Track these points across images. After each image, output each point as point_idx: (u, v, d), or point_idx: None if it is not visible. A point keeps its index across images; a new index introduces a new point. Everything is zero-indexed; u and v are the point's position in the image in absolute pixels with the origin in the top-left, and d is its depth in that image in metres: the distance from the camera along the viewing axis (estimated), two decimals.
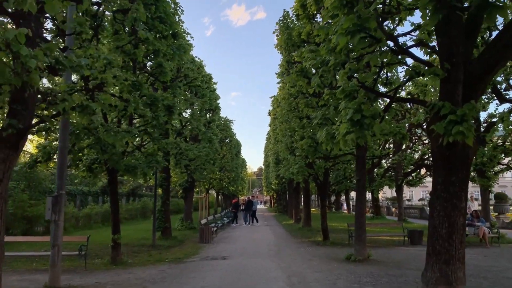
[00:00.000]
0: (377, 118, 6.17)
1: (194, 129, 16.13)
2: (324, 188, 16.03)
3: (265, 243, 16.57)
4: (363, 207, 11.69)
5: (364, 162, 11.84)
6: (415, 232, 15.38)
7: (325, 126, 8.47)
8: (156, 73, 11.90)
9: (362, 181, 11.70)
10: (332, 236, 17.15)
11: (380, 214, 31.98)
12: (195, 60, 17.76)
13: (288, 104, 13.48)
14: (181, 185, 22.01)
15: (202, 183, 28.08)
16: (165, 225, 16.79)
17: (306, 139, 11.03)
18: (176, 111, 12.33)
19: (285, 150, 15.93)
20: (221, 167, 33.27)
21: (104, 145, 10.32)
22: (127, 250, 14.25)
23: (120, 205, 30.70)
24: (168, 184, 17.19)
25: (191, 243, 16.51)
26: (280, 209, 45.55)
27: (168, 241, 16.32)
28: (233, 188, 38.04)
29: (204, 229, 16.86)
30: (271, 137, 29.94)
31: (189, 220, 21.97)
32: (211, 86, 22.54)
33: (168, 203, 17.17)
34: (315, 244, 15.84)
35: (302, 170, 12.78)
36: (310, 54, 8.28)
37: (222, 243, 16.61)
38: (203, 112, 20.16)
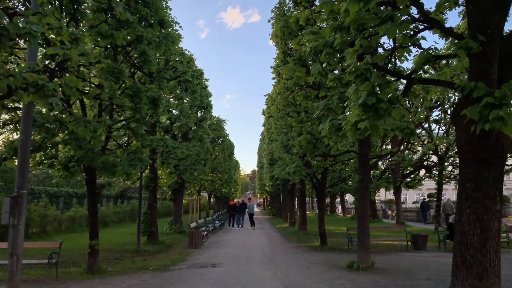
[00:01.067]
0: (396, 103, 5.15)
1: (183, 126, 15.03)
2: (322, 189, 15.00)
3: (259, 248, 15.49)
4: (366, 209, 10.68)
5: (367, 161, 10.84)
6: (419, 236, 14.41)
7: (327, 118, 7.44)
8: (140, 62, 10.80)
9: (365, 181, 10.69)
10: (330, 241, 16.13)
11: (377, 217, 31.04)
12: (184, 53, 16.68)
13: (284, 98, 12.45)
14: (170, 186, 20.84)
15: (193, 185, 26.91)
16: (151, 229, 15.64)
17: (305, 135, 10.00)
18: (162, 104, 11.23)
19: (280, 148, 14.89)
20: (213, 168, 32.13)
21: (80, 141, 9.24)
22: (109, 256, 13.10)
23: (108, 208, 29.50)
24: (155, 185, 16.05)
25: (180, 248, 15.38)
26: (274, 211, 44.48)
27: (154, 246, 15.17)
28: (226, 190, 36.89)
29: (193, 233, 15.74)
30: (265, 137, 28.92)
31: (178, 223, 20.81)
32: (202, 83, 21.45)
33: (155, 206, 16.03)
34: (312, 250, 14.80)
35: (299, 169, 11.75)
36: (311, 36, 7.25)
37: (213, 248, 15.50)
38: (193, 109, 19.07)
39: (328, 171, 15.61)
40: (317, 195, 15.22)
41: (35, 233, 19.39)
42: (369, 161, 11.07)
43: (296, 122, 10.66)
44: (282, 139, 14.18)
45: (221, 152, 32.79)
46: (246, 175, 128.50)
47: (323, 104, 7.49)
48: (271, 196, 47.24)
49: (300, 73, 10.02)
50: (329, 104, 7.48)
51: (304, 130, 10.11)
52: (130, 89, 10.08)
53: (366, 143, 10.75)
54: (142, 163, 10.75)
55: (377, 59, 5.55)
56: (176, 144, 14.04)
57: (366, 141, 10.72)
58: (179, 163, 17.53)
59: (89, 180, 10.61)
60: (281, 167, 15.32)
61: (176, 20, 13.72)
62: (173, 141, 14.11)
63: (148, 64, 10.85)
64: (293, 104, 12.12)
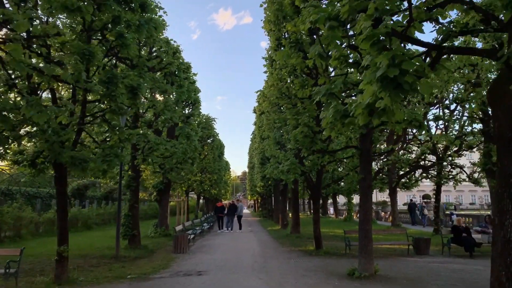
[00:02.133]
0: (423, 76, 4.09)
1: (168, 120, 13.86)
2: (317, 189, 13.95)
3: (249, 253, 14.37)
4: (369, 211, 9.64)
5: (369, 157, 9.81)
6: (420, 240, 13.43)
7: (330, 105, 6.38)
8: (116, 45, 9.64)
9: (367, 180, 9.66)
10: (325, 244, 15.07)
11: None
12: (170, 43, 15.51)
13: (277, 90, 11.38)
14: (155, 186, 19.63)
15: (180, 185, 25.66)
16: (133, 233, 14.40)
17: (301, 128, 8.94)
18: (142, 93, 10.07)
19: (273, 145, 13.81)
20: (202, 168, 30.94)
21: (46, 133, 8.06)
22: (84, 263, 11.86)
23: (91, 210, 28.09)
24: (137, 185, 14.83)
25: (164, 253, 14.19)
26: (265, 213, 43.36)
27: (136, 251, 13.94)
28: (215, 192, 35.69)
29: (179, 237, 14.56)
30: (256, 136, 27.83)
31: (164, 226, 19.59)
32: (190, 77, 20.28)
33: (136, 207, 14.81)
34: (307, 254, 13.72)
35: (294, 167, 10.66)
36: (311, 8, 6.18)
37: (199, 253, 14.34)
38: (180, 104, 17.88)
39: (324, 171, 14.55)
40: (312, 196, 14.17)
41: (8, 236, 18.02)
42: (371, 158, 10.05)
43: (291, 114, 9.57)
44: (275, 135, 13.10)
45: (211, 152, 31.60)
46: (236, 177, 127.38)
47: (325, 88, 6.42)
48: (262, 198, 46.13)
49: (297, 58, 8.95)
50: (332, 88, 6.42)
51: (301, 122, 9.05)
52: (104, 74, 8.92)
53: (368, 138, 9.72)
54: (118, 159, 9.56)
55: (396, 26, 4.49)
56: (159, 140, 12.87)
57: (368, 135, 9.69)
58: (164, 161, 16.37)
59: (58, 178, 9.39)
60: (273, 166, 14.24)
61: (160, 5, 12.58)
62: (156, 137, 12.93)
63: (125, 48, 9.69)
64: (287, 95, 11.05)
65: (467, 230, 13.16)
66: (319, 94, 6.54)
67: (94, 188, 39.25)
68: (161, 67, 15.08)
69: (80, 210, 25.50)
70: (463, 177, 20.15)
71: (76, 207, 25.94)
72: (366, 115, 4.85)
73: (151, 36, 12.52)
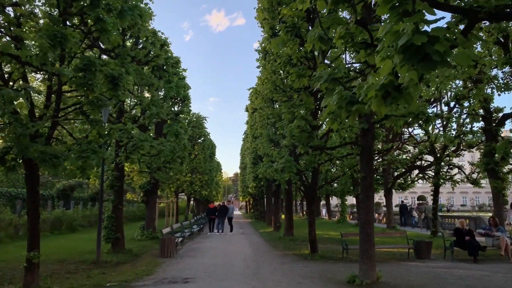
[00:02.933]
0: (456, 45, 3.32)
1: (154, 116, 12.98)
2: (313, 190, 13.18)
3: (240, 257, 13.54)
4: (371, 213, 8.87)
5: (371, 155, 9.05)
6: (421, 243, 12.72)
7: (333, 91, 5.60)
8: (95, 30, 8.77)
9: (368, 179, 8.89)
10: (320, 248, 14.33)
11: None
12: (157, 35, 14.62)
13: (271, 83, 10.58)
14: (142, 187, 18.70)
15: (168, 186, 24.71)
16: (116, 236, 13.48)
17: (298, 121, 8.14)
18: (123, 84, 9.19)
19: (266, 143, 12.99)
20: (192, 169, 30.03)
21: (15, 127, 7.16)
22: (61, 268, 10.93)
23: (76, 211, 26.99)
24: (122, 185, 13.91)
25: (149, 258, 13.29)
26: (257, 215, 42.55)
27: (119, 255, 13.02)
28: (206, 193, 34.77)
29: (165, 240, 13.68)
30: (249, 135, 27.01)
31: (151, 228, 18.66)
32: (179, 73, 19.41)
33: (120, 208, 13.88)
34: (302, 259, 12.93)
35: (289, 165, 9.86)
36: None
37: (188, 258, 13.47)
38: (168, 100, 17.00)
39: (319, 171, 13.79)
40: (307, 197, 13.40)
41: None
42: (373, 155, 9.30)
43: (286, 108, 8.77)
44: (268, 132, 12.30)
45: (201, 152, 30.70)
46: (228, 178, 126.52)
47: (327, 73, 5.63)
48: (254, 199, 45.31)
49: (293, 46, 8.17)
50: (335, 73, 5.63)
51: (297, 115, 8.25)
52: (81, 60, 8.06)
53: (370, 134, 8.96)
54: (96, 156, 8.67)
55: None
56: (145, 136, 11.98)
57: (370, 131, 8.93)
58: (150, 160, 15.47)
59: (29, 176, 8.49)
60: (266, 165, 13.44)
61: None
62: (141, 133, 12.04)
63: (105, 34, 8.83)
64: (282, 89, 10.25)
65: (470, 233, 12.48)
66: (320, 80, 5.75)
67: (81, 189, 38.04)
68: (147, 60, 14.20)
69: (64, 211, 24.40)
70: (461, 177, 19.54)
71: (59, 209, 24.83)
72: (380, 99, 4.08)
73: (135, 24, 11.71)
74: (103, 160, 12.08)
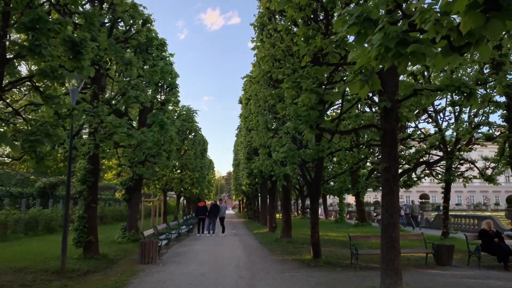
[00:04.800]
0: None
1: (132, 99, 11.11)
2: (316, 186, 11.42)
3: (233, 263, 11.75)
4: (395, 213, 7.12)
5: (395, 140, 7.31)
6: (442, 247, 11.02)
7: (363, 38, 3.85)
8: None
9: (393, 170, 7.15)
10: (323, 251, 12.59)
11: (365, 221, 27.88)
12: (138, 8, 12.70)
13: (271, 57, 8.78)
14: (124, 184, 16.79)
15: (153, 182, 22.75)
16: (88, 239, 11.59)
17: (307, 95, 6.33)
18: (87, 53, 7.35)
19: (263, 131, 11.17)
20: (182, 165, 28.13)
21: None
22: (16, 278, 9.05)
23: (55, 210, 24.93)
24: (96, 180, 12.01)
25: (127, 265, 11.44)
26: (250, 214, 40.74)
27: (91, 262, 11.14)
28: (197, 191, 32.88)
29: (146, 243, 11.83)
30: (242, 129, 25.20)
31: (133, 229, 16.77)
32: (167, 59, 17.54)
33: (94, 207, 11.99)
34: (304, 265, 11.18)
35: (292, 154, 8.03)
36: None
37: (172, 264, 11.64)
38: (152, 86, 15.14)
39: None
40: (310, 194, 11.65)
41: None
42: (397, 141, 7.55)
43: (290, 82, 6.97)
44: (266, 118, 10.49)
45: (192, 147, 28.79)
46: (221, 177, 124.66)
47: (358, 10, 3.86)
48: (248, 198, 43.49)
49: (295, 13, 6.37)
50: (369, 11, 3.86)
51: (306, 87, 6.43)
52: (27, 16, 6.22)
53: (393, 115, 7.21)
54: (49, 140, 6.84)
55: None
56: (119, 122, 10.12)
57: (393, 111, 7.18)
58: (132, 152, 13.62)
59: None
60: (263, 158, 11.66)
61: None
62: (115, 118, 10.16)
63: None
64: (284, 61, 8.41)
65: (498, 235, 10.82)
66: (344, 24, 3.97)
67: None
68: (127, 36, 12.32)
69: (42, 211, 22.38)
70: (475, 174, 17.92)
71: (36, 208, 22.80)
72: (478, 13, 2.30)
73: None
74: (71, 150, 10.19)
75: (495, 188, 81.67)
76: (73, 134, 9.79)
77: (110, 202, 36.88)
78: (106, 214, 33.11)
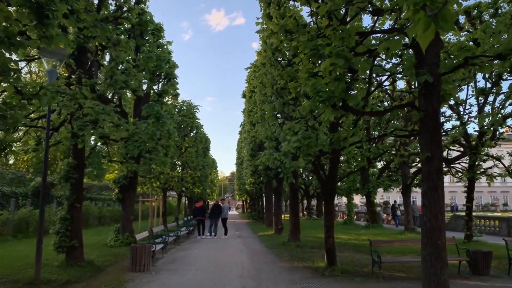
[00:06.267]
0: None
1: (119, 83, 9.67)
2: (331, 184, 9.96)
3: (236, 271, 10.30)
4: (440, 214, 5.64)
5: (438, 124, 5.84)
6: (479, 254, 9.51)
7: None
8: None
9: (436, 160, 5.69)
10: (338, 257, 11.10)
11: (376, 222, 26.33)
12: None
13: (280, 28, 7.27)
14: (117, 182, 15.38)
15: (149, 181, 21.27)
16: (72, 243, 10.16)
17: (333, 59, 4.83)
18: (56, 15, 5.95)
19: (271, 119, 9.66)
20: (182, 163, 26.71)
21: None
22: None
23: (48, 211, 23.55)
24: (81, 176, 10.60)
25: (115, 273, 10.01)
26: (254, 215, 39.25)
27: (73, 270, 9.71)
28: (199, 191, 31.40)
29: (137, 248, 10.40)
30: (246, 124, 23.75)
31: (127, 231, 15.34)
32: (165, 48, 16.15)
33: (79, 208, 10.56)
34: (317, 274, 9.72)
35: (309, 143, 6.49)
36: None
37: (166, 272, 10.21)
38: (147, 74, 13.70)
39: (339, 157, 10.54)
40: (324, 193, 10.19)
41: None
42: (440, 127, 6.08)
43: (307, 49, 5.49)
44: (274, 104, 9.02)
45: (193, 145, 27.32)
46: (225, 177, 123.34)
47: None
48: (251, 198, 42.00)
49: None
50: None
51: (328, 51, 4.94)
52: None
53: (436, 93, 5.73)
54: (4, 122, 5.42)
55: None
56: (103, 107, 8.68)
57: (436, 88, 5.71)
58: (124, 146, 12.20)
59: None
60: (270, 151, 10.22)
61: None
62: (97, 103, 8.72)
63: None
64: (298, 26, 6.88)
65: None
66: None
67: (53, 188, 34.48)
68: (116, 15, 10.89)
69: (33, 211, 21.01)
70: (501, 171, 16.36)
71: (26, 208, 21.43)
72: None
73: None
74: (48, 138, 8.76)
75: (503, 188, 79.94)
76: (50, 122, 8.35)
77: (109, 202, 35.43)
78: (104, 215, 31.73)
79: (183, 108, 26.50)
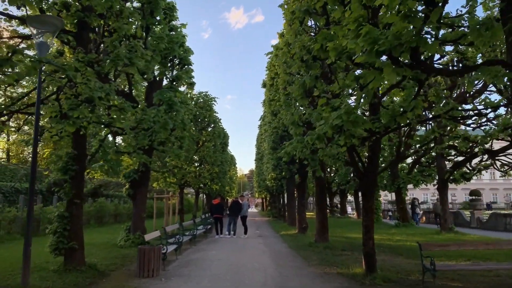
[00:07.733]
0: None
1: (122, 59, 8.25)
2: (373, 176, 8.36)
3: (258, 278, 8.82)
4: None
5: None
6: None
7: None
8: None
9: None
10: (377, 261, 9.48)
11: (407, 221, 24.44)
12: None
13: None
14: (128, 176, 14.12)
15: (162, 175, 19.91)
16: (71, 245, 8.88)
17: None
18: None
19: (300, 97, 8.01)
20: (200, 158, 25.41)
21: None
22: None
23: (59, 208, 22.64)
24: (82, 169, 9.30)
25: (119, 279, 8.69)
26: (275, 213, 37.73)
27: (71, 275, 8.41)
28: (217, 187, 30.10)
29: (146, 251, 9.04)
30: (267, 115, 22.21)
31: (139, 230, 14.06)
32: (177, 28, 14.79)
33: (79, 204, 9.28)
34: (356, 283, 8.15)
35: (355, 119, 4.85)
36: None
37: (178, 278, 8.81)
38: (157, 57, 12.35)
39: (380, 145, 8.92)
40: (363, 187, 8.58)
41: None
42: None
43: None
44: (304, 80, 7.44)
45: (211, 139, 25.97)
46: (244, 175, 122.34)
47: None
48: (272, 195, 40.48)
49: None
50: None
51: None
52: None
53: None
54: None
55: None
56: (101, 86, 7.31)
57: None
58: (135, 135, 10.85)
59: None
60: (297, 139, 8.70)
61: None
62: (94, 81, 7.33)
63: None
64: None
65: None
66: None
67: None
68: None
69: (44, 209, 20.06)
70: None
71: (37, 205, 20.46)
72: None
73: None
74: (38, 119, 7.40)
75: None
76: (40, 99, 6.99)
77: (126, 199, 34.48)
78: (120, 212, 30.86)
79: (200, 100, 25.17)
